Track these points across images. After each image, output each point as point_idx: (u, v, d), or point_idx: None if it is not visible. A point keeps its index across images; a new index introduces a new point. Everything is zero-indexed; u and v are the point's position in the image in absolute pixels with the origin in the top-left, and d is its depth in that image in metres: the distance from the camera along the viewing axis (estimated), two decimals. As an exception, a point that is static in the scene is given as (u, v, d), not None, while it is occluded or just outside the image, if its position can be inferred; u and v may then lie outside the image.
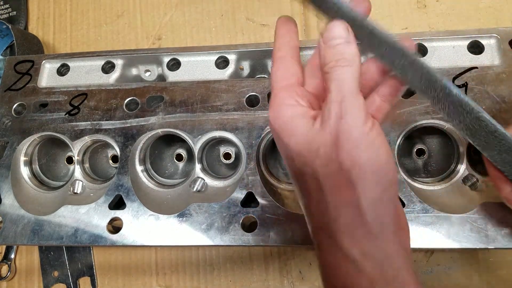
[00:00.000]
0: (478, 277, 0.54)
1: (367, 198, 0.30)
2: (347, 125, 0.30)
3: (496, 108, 0.45)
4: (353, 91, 0.31)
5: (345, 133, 0.30)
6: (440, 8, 0.63)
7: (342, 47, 0.32)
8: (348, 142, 0.29)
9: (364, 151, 0.30)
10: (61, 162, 0.60)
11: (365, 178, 0.30)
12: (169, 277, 0.60)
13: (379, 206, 0.30)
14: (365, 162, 0.29)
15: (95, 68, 0.55)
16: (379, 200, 0.30)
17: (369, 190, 0.30)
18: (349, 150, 0.29)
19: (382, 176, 0.30)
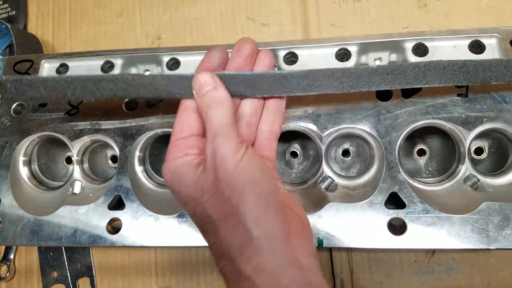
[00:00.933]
0: (479, 278, 0.54)
1: (250, 217, 0.32)
2: (220, 158, 0.33)
3: (497, 108, 0.45)
4: (224, 127, 0.35)
5: (220, 166, 0.33)
6: (441, 7, 0.63)
7: (211, 93, 0.37)
8: (224, 173, 0.33)
9: (238, 177, 0.33)
10: (60, 162, 0.60)
11: (244, 199, 0.33)
12: (169, 277, 0.59)
13: (265, 217, 0.33)
14: (241, 186, 0.33)
15: (95, 67, 0.55)
16: (264, 212, 0.33)
17: (250, 209, 0.33)
18: (226, 179, 0.33)
19: (259, 192, 0.33)
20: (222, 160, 0.33)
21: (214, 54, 0.40)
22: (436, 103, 0.46)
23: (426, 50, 0.49)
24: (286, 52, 0.51)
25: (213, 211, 0.34)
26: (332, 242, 0.43)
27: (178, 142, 0.37)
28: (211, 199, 0.34)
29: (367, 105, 0.47)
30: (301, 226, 0.36)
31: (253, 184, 0.33)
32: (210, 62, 0.40)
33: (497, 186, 0.46)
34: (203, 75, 0.37)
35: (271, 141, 0.41)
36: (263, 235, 0.32)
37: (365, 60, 0.52)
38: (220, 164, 0.33)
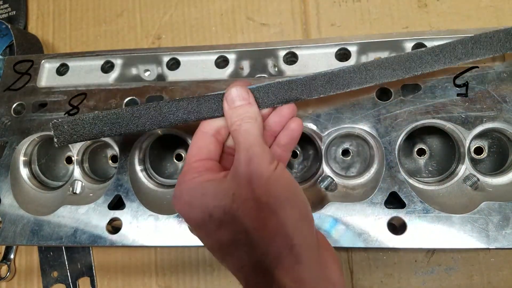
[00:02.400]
0: (479, 278, 0.54)
1: (290, 221, 0.33)
2: (256, 165, 0.34)
3: (497, 107, 0.45)
4: (258, 140, 0.35)
5: (255, 173, 0.33)
6: (441, 7, 0.63)
7: (245, 107, 0.37)
8: (260, 180, 0.33)
9: (274, 184, 0.33)
10: (61, 162, 0.60)
11: (282, 205, 0.33)
12: (169, 277, 0.59)
13: (302, 226, 0.33)
14: (278, 192, 0.33)
15: (95, 67, 0.55)
16: (300, 221, 0.33)
17: (289, 214, 0.33)
18: (262, 186, 0.33)
19: (295, 200, 0.34)
20: (258, 167, 0.33)
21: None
22: (436, 103, 0.46)
23: (426, 50, 0.49)
24: (286, 52, 0.51)
25: (247, 217, 0.33)
26: (332, 242, 0.43)
27: (196, 164, 0.37)
28: (243, 206, 0.33)
29: (367, 105, 0.47)
30: (325, 241, 0.37)
31: (290, 193, 0.34)
32: (244, 82, 0.41)
33: (497, 186, 0.46)
34: (238, 88, 0.38)
35: (287, 153, 0.42)
36: (304, 243, 0.33)
37: (365, 59, 0.52)
38: (256, 171, 0.33)
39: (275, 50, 0.52)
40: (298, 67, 0.51)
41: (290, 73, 0.51)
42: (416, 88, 0.47)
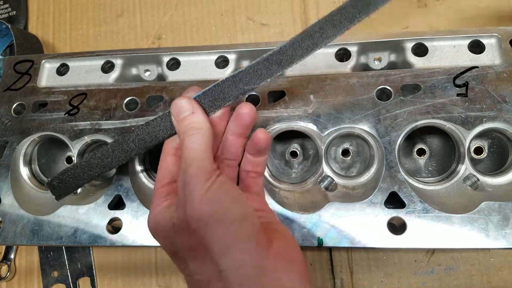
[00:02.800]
0: (479, 277, 0.54)
1: (217, 247, 0.31)
2: (190, 189, 0.32)
3: (497, 107, 0.45)
4: (198, 155, 0.33)
5: (189, 198, 0.32)
6: (441, 7, 0.63)
7: (189, 118, 0.36)
8: (192, 204, 0.32)
9: (204, 207, 0.32)
10: (61, 162, 0.60)
11: (210, 230, 0.31)
12: (169, 277, 0.59)
13: (232, 250, 0.31)
14: (208, 216, 0.31)
15: (95, 67, 0.55)
16: (231, 244, 0.31)
17: (217, 239, 0.31)
18: (192, 210, 0.32)
19: (228, 220, 0.32)
20: (190, 192, 0.32)
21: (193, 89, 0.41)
22: (435, 103, 0.46)
23: (426, 50, 0.49)
24: (286, 52, 0.51)
25: (182, 246, 0.33)
26: (332, 242, 0.43)
27: (160, 190, 0.37)
28: (179, 234, 0.33)
29: (367, 105, 0.47)
30: (285, 249, 0.34)
31: (221, 213, 0.32)
32: (193, 89, 0.40)
33: (497, 186, 0.46)
34: (180, 100, 0.37)
35: (256, 179, 0.41)
36: (233, 266, 0.30)
37: (365, 60, 0.52)
38: (189, 196, 0.32)
39: (275, 50, 0.52)
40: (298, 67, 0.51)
41: (290, 73, 0.51)
42: (416, 88, 0.47)
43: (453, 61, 0.48)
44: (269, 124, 0.48)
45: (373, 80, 0.48)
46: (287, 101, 0.48)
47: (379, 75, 0.48)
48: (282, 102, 0.49)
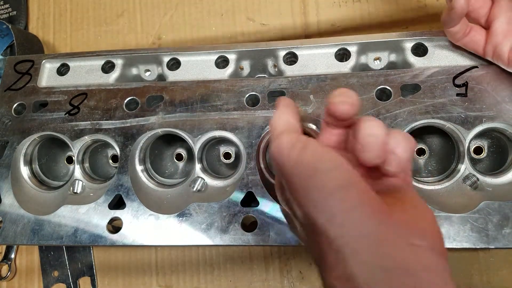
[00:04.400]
0: (478, 277, 0.54)
1: (322, 215, 0.27)
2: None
3: (497, 107, 0.45)
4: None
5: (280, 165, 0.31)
6: (441, 7, 0.63)
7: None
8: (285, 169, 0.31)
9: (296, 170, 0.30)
10: (61, 162, 0.60)
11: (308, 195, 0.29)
12: (169, 277, 0.60)
13: (340, 219, 0.27)
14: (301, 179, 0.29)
15: (95, 67, 0.55)
16: (338, 213, 0.27)
17: (319, 207, 0.28)
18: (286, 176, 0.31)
19: (329, 187, 0.28)
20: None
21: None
22: (435, 103, 0.46)
23: (425, 50, 0.49)
24: (286, 52, 0.51)
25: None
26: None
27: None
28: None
29: (366, 105, 0.47)
30: (413, 219, 0.29)
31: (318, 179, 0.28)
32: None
33: (497, 185, 0.46)
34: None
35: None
36: (341, 235, 0.27)
37: (365, 60, 0.52)
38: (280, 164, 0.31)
39: (275, 50, 0.52)
40: (298, 67, 0.51)
41: (290, 73, 0.51)
42: (416, 88, 0.47)
43: (453, 61, 0.48)
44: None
45: (373, 80, 0.48)
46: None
47: (379, 75, 0.48)
48: (282, 102, 0.49)
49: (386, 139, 0.30)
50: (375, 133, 0.30)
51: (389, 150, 0.30)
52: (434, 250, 0.28)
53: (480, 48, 0.45)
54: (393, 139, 0.30)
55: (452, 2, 0.40)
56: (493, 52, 0.44)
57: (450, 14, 0.42)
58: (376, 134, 0.30)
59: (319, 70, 0.50)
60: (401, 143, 0.30)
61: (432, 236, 0.29)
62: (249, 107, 0.49)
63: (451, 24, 0.43)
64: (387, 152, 0.30)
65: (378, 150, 0.30)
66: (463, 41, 0.45)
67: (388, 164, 0.30)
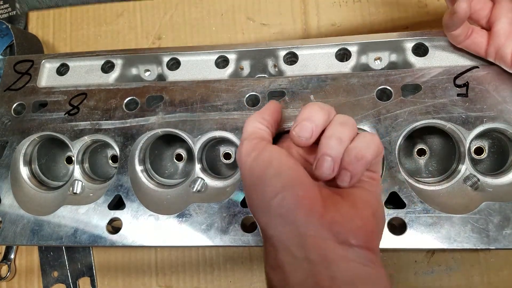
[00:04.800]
0: (479, 278, 0.54)
1: (259, 215, 0.34)
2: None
3: (497, 108, 0.45)
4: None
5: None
6: (441, 7, 0.63)
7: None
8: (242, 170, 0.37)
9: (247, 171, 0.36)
10: (61, 162, 0.60)
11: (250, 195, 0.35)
12: (169, 277, 0.59)
13: (273, 222, 0.33)
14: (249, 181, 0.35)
15: (95, 67, 0.55)
16: (272, 215, 0.33)
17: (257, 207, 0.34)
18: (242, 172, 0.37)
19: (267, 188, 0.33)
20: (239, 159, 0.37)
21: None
22: (436, 103, 0.46)
23: (426, 50, 0.49)
24: (286, 52, 0.51)
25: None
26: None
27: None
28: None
29: (367, 105, 0.47)
30: (343, 214, 0.32)
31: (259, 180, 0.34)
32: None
33: (497, 186, 0.46)
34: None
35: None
36: (279, 234, 0.32)
37: (365, 60, 0.52)
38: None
39: (275, 50, 0.52)
40: (298, 67, 0.51)
41: (290, 73, 0.51)
42: (416, 88, 0.47)
43: (453, 61, 0.48)
44: (269, 124, 0.48)
45: (373, 80, 0.48)
46: (287, 101, 0.48)
47: (379, 75, 0.48)
48: (282, 102, 0.48)
49: (341, 158, 0.33)
50: (329, 154, 0.33)
51: (342, 166, 0.33)
52: (363, 248, 0.31)
53: (482, 50, 0.44)
54: (347, 157, 0.33)
55: (454, 6, 0.40)
56: (495, 54, 0.43)
57: (453, 18, 0.41)
58: (330, 155, 0.33)
59: (319, 70, 0.50)
60: (354, 161, 0.33)
61: (363, 235, 0.32)
62: (249, 107, 0.49)
63: (453, 27, 0.43)
64: (340, 168, 0.33)
65: (329, 170, 0.33)
66: (465, 43, 0.45)
67: (340, 180, 0.34)
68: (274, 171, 0.32)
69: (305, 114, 0.35)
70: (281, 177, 0.32)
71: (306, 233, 0.31)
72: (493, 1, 0.44)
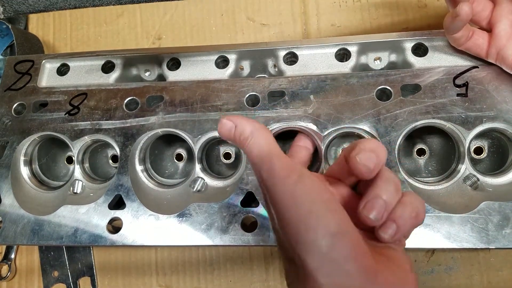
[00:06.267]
0: (479, 277, 0.54)
1: (309, 258, 0.27)
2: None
3: (497, 107, 0.45)
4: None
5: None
6: (441, 7, 0.63)
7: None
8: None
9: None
10: (61, 162, 0.60)
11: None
12: (169, 277, 0.60)
13: (329, 270, 0.27)
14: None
15: (95, 67, 0.55)
16: (326, 264, 0.27)
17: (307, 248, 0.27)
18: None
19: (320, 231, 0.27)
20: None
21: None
22: (435, 103, 0.46)
23: (426, 50, 0.49)
24: (286, 52, 0.51)
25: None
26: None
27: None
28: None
29: (367, 105, 0.47)
30: (397, 283, 0.29)
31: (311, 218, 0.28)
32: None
33: (497, 186, 0.46)
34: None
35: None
36: (331, 284, 0.27)
37: (365, 60, 0.52)
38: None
39: (275, 50, 0.52)
40: (298, 67, 0.51)
41: (290, 73, 0.51)
42: (416, 88, 0.47)
43: (453, 61, 0.48)
44: (269, 124, 0.48)
45: (373, 80, 0.48)
46: (287, 101, 0.49)
47: (379, 75, 0.48)
48: (282, 102, 0.49)
49: (393, 205, 0.30)
50: (384, 198, 0.29)
51: (391, 217, 0.30)
52: None
53: (483, 51, 0.44)
54: (400, 209, 0.29)
55: (456, 9, 0.40)
56: (496, 55, 0.43)
57: (455, 20, 0.41)
58: (385, 199, 0.29)
59: (319, 70, 0.50)
60: (408, 215, 0.29)
61: None
62: (249, 107, 0.49)
63: (455, 30, 0.43)
64: (388, 218, 0.30)
65: (379, 214, 0.29)
66: (466, 45, 0.45)
67: (383, 231, 0.30)
68: (326, 207, 0.28)
69: (371, 145, 0.30)
70: (336, 215, 0.28)
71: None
72: (494, 2, 0.44)
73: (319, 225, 0.27)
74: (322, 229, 0.27)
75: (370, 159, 0.30)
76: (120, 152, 0.50)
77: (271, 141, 0.32)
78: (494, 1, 0.44)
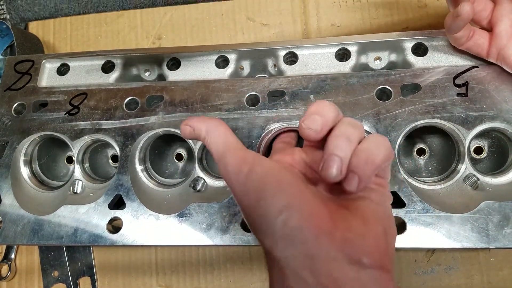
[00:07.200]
0: (479, 277, 0.54)
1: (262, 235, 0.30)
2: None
3: (497, 107, 0.45)
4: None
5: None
6: (441, 7, 0.63)
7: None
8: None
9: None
10: (61, 162, 0.60)
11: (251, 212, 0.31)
12: (169, 277, 0.60)
13: (280, 241, 0.29)
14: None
15: (95, 67, 0.55)
16: (276, 234, 0.29)
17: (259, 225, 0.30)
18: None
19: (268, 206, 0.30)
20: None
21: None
22: (435, 103, 0.46)
23: (426, 50, 0.49)
24: (286, 52, 0.51)
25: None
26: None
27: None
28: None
29: (367, 105, 0.47)
30: (354, 231, 0.29)
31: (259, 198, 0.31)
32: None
33: (497, 185, 0.46)
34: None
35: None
36: (286, 256, 0.30)
37: (365, 60, 0.52)
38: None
39: (275, 50, 0.52)
40: (298, 67, 0.51)
41: (290, 73, 0.51)
42: (416, 88, 0.47)
43: (453, 61, 0.48)
44: (269, 124, 0.48)
45: (373, 80, 0.48)
46: (287, 101, 0.49)
47: (379, 75, 0.48)
48: (282, 102, 0.49)
49: (349, 158, 0.30)
50: (338, 153, 0.30)
51: (349, 168, 0.30)
52: (377, 268, 0.28)
53: (484, 51, 0.44)
54: (355, 159, 0.30)
55: (457, 9, 0.40)
56: (497, 55, 0.43)
57: (455, 20, 0.41)
58: (339, 155, 0.30)
59: (319, 70, 0.50)
60: (363, 163, 0.30)
61: (376, 254, 0.29)
62: (249, 107, 0.49)
63: (456, 30, 0.43)
64: (348, 171, 0.30)
65: (337, 170, 0.30)
66: (467, 45, 0.45)
67: (347, 184, 0.30)
68: (274, 188, 0.29)
69: (314, 108, 0.32)
70: (282, 194, 0.29)
71: (316, 255, 0.28)
72: (494, 2, 0.44)
73: (269, 209, 0.29)
74: (272, 212, 0.29)
75: (314, 122, 0.31)
76: (120, 152, 0.50)
77: (226, 137, 0.34)
78: (494, 0, 0.44)
